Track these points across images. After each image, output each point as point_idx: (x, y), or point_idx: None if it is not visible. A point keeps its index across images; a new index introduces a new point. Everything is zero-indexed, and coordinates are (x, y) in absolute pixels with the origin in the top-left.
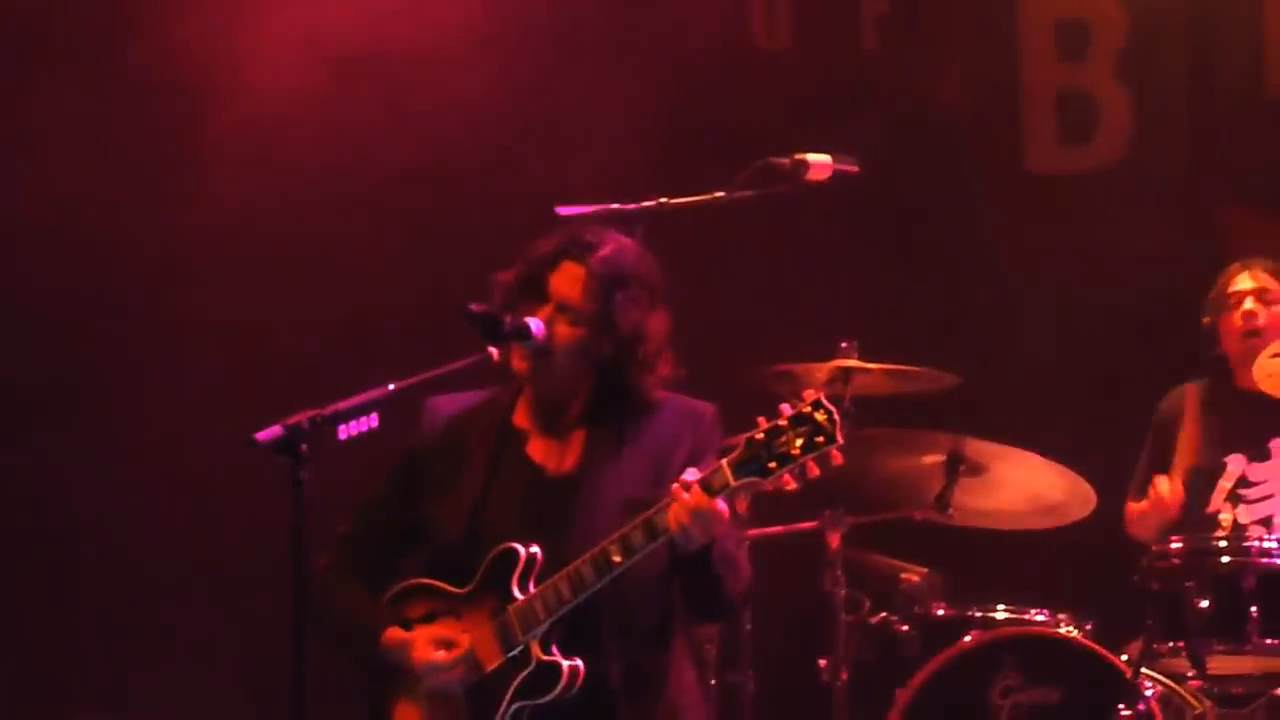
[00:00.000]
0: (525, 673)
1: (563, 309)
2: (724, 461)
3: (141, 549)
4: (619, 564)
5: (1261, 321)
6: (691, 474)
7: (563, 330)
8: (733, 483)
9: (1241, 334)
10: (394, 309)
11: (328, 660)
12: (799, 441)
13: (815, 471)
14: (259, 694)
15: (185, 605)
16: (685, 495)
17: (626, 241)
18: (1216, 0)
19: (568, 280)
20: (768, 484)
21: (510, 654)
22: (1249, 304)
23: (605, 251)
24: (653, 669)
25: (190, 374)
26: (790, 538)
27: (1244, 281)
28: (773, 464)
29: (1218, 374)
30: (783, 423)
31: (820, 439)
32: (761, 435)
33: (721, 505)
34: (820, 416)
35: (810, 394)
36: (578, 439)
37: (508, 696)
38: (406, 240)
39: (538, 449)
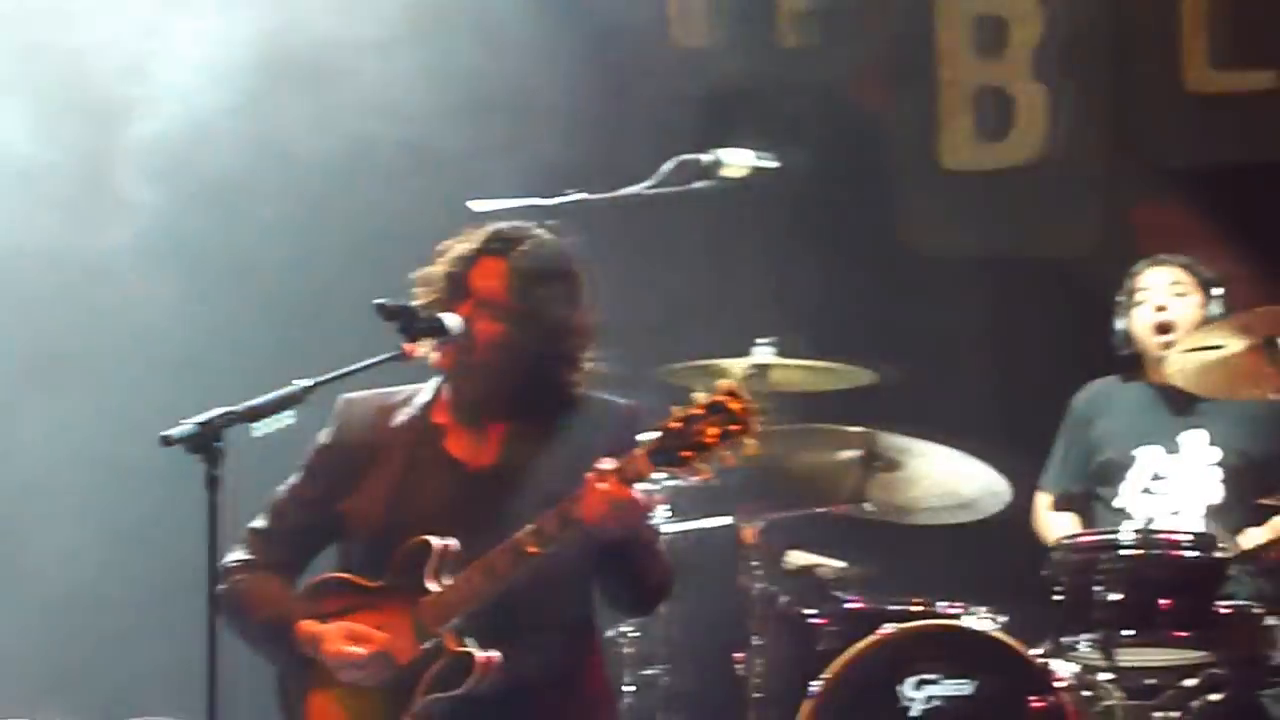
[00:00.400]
0: (439, 665)
1: (484, 305)
2: (639, 450)
3: (54, 547)
4: (534, 554)
5: (1172, 317)
6: (607, 463)
7: (484, 326)
8: (648, 471)
9: (1153, 329)
10: (311, 305)
11: (244, 656)
12: (713, 430)
13: (729, 460)
14: (174, 691)
15: (99, 603)
16: (601, 484)
17: (547, 236)
18: None
19: (489, 276)
20: (683, 472)
21: (424, 646)
22: (1160, 299)
23: (526, 246)
24: (568, 662)
25: (107, 371)
26: (708, 532)
27: (1155, 278)
28: (688, 452)
29: (1130, 369)
30: (697, 411)
31: (734, 427)
32: (676, 424)
33: (638, 494)
34: (734, 405)
35: (725, 384)
36: (497, 434)
37: (421, 688)
38: (324, 236)
39: (457, 444)
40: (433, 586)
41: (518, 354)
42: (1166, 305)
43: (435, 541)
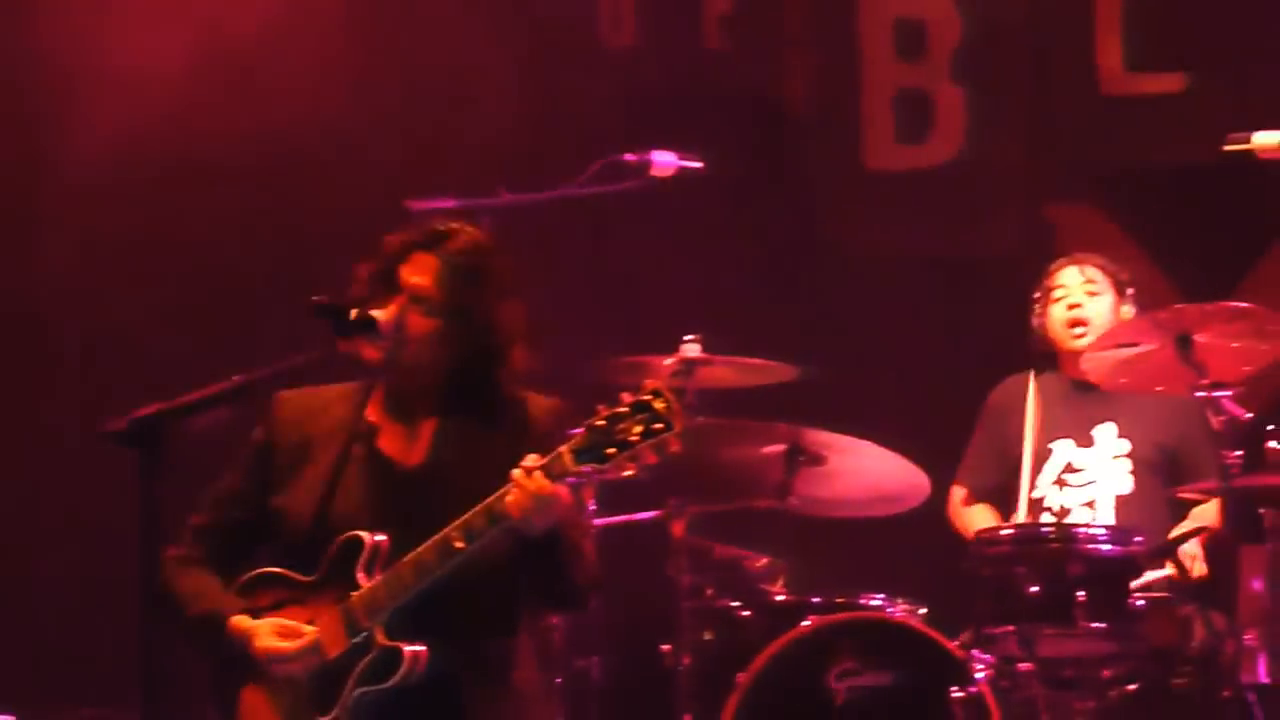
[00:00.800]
0: (368, 658)
1: (416, 300)
2: (565, 447)
3: None
4: (461, 549)
5: (1085, 315)
6: (532, 460)
7: (416, 321)
8: (573, 468)
9: (1067, 326)
10: (246, 300)
11: (181, 651)
12: (638, 428)
13: (653, 458)
14: (111, 686)
15: (36, 599)
16: (526, 481)
17: (478, 232)
18: (1050, 1)
19: (420, 271)
20: (608, 469)
21: (354, 640)
22: (1074, 297)
23: (458, 242)
24: (496, 656)
25: (38, 365)
26: (636, 526)
27: (1069, 276)
28: (612, 450)
29: (1046, 365)
30: (622, 409)
31: (659, 426)
32: (602, 422)
33: (563, 490)
34: (659, 404)
35: (650, 383)
36: (428, 431)
37: (351, 682)
38: (259, 233)
39: (388, 442)
40: (363, 581)
41: (449, 350)
42: (1081, 303)
43: (366, 537)
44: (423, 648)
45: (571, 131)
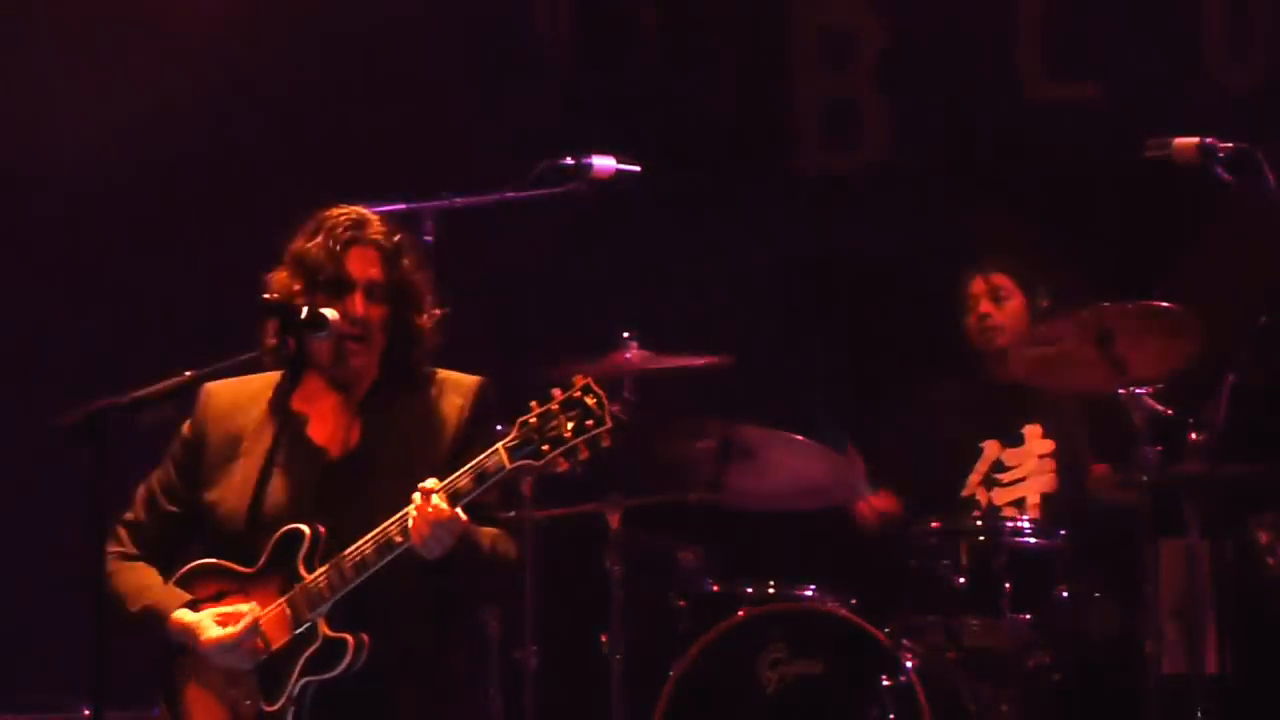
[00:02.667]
0: (313, 648)
1: (370, 289)
2: (500, 445)
3: None
4: (400, 544)
5: (997, 320)
6: (430, 483)
7: (375, 311)
8: (509, 465)
9: (979, 332)
10: (188, 300)
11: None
12: (570, 425)
13: (586, 454)
14: (62, 680)
15: None
16: (426, 507)
17: (379, 216)
18: (972, 11)
19: (364, 262)
20: (540, 466)
21: (298, 631)
22: (983, 305)
23: (379, 228)
24: (424, 649)
25: None
26: (572, 519)
27: (976, 285)
28: (545, 446)
29: (974, 364)
30: (554, 406)
31: (590, 422)
32: (534, 419)
33: (459, 514)
34: (590, 400)
35: (580, 379)
36: (358, 419)
37: (296, 672)
38: (193, 233)
39: (319, 431)
40: (305, 573)
41: (389, 334)
42: (990, 313)
43: (307, 529)
44: (365, 636)
45: (511, 136)
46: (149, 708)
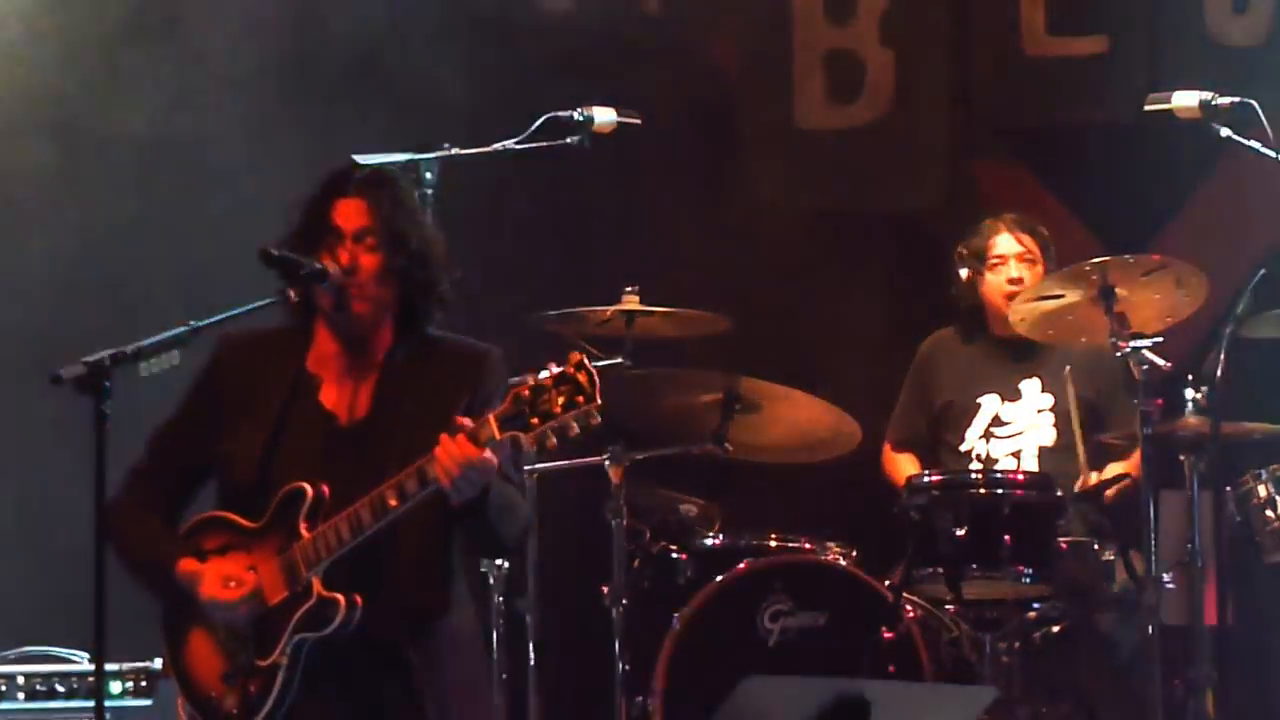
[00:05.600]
0: (306, 606)
1: (358, 238)
2: (490, 415)
3: None
4: (395, 508)
5: (1026, 284)
6: (464, 423)
7: (366, 259)
8: (498, 436)
9: (1005, 294)
10: (197, 253)
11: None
12: (561, 400)
13: (575, 430)
14: (64, 627)
15: None
16: (452, 448)
17: (381, 168)
18: None
19: (351, 213)
20: (530, 439)
21: (294, 589)
22: (1013, 268)
23: (370, 176)
24: (432, 606)
25: None
26: (575, 471)
27: (1007, 244)
28: (535, 420)
29: (975, 318)
30: (547, 381)
31: (580, 399)
32: (527, 392)
33: (489, 455)
34: (582, 377)
35: (575, 355)
36: (369, 385)
37: (289, 629)
38: (207, 189)
39: (330, 395)
40: (304, 531)
41: (393, 285)
42: (1021, 276)
43: (309, 488)
44: (357, 597)
45: (513, 88)
46: (149, 656)
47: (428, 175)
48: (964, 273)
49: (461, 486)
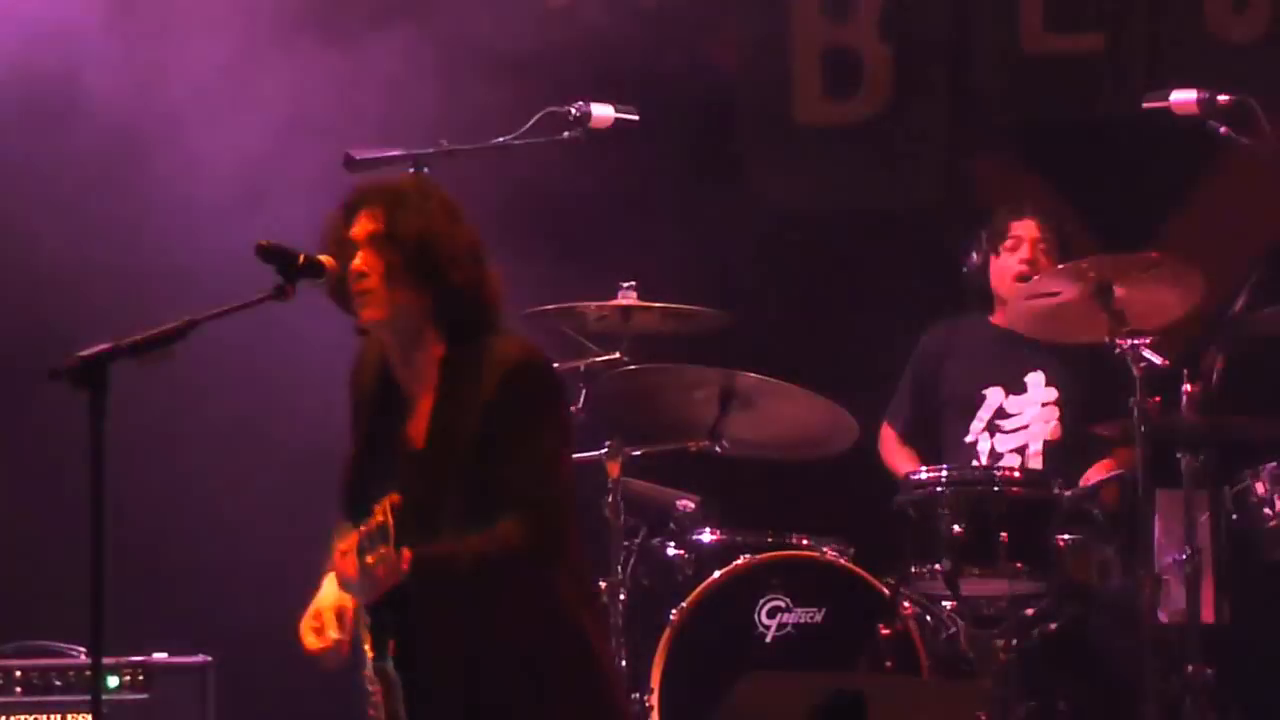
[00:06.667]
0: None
1: (370, 242)
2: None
3: None
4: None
5: (1039, 271)
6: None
7: (373, 261)
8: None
9: (1016, 277)
10: (192, 245)
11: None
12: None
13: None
14: (61, 620)
15: None
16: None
17: (411, 176)
18: None
19: (365, 221)
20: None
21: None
22: (1027, 251)
23: (391, 182)
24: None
25: None
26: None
27: (1026, 228)
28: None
29: (978, 311)
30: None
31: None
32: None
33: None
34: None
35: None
36: (427, 408)
37: None
38: (203, 182)
39: (408, 415)
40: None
41: (411, 288)
42: (1035, 260)
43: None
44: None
45: (511, 83)
46: (147, 650)
47: (424, 170)
48: (976, 255)
49: (358, 595)
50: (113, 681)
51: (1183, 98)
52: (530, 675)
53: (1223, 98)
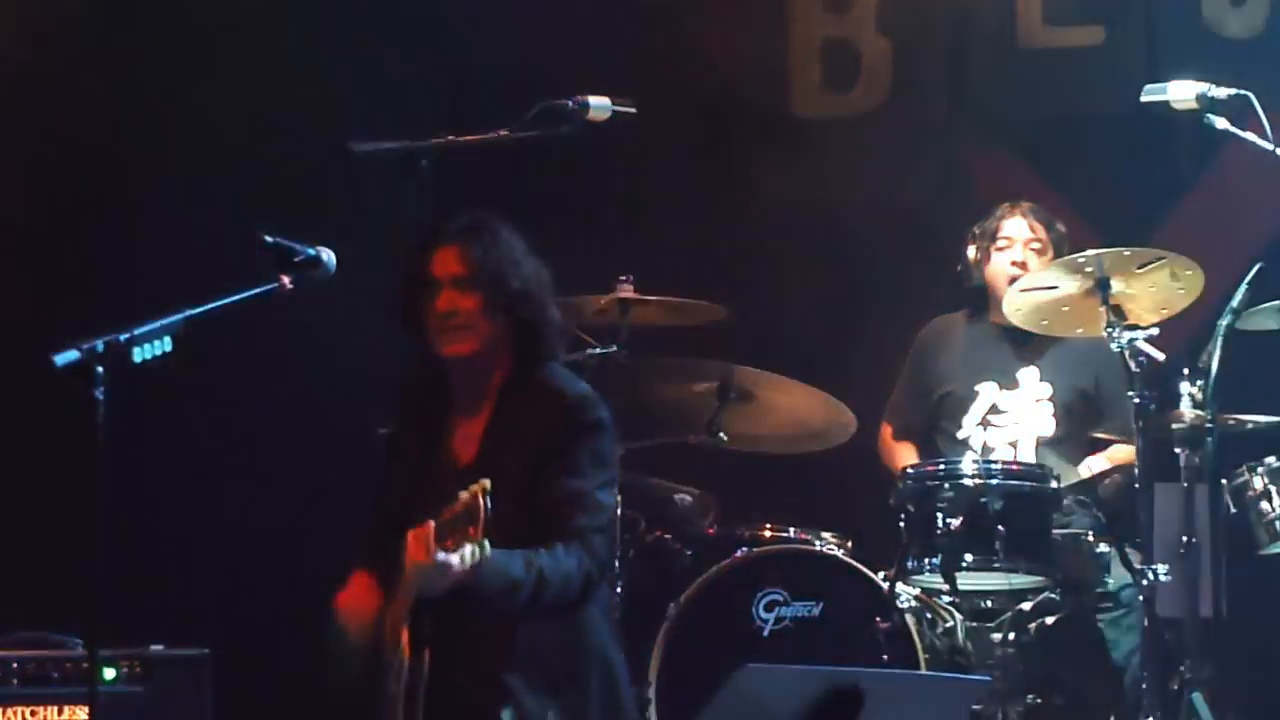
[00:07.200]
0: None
1: (456, 283)
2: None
3: None
4: None
5: (1031, 269)
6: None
7: (464, 301)
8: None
9: (1008, 277)
10: (189, 238)
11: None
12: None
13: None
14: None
15: None
16: (412, 546)
17: (482, 214)
18: None
19: (448, 261)
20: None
21: None
22: (1019, 252)
23: (466, 222)
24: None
25: None
26: None
27: (1019, 228)
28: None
29: (973, 306)
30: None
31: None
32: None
33: (443, 559)
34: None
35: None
36: (481, 425)
37: None
38: (202, 171)
39: (458, 436)
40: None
41: (497, 324)
42: (1025, 260)
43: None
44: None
45: (509, 76)
46: (144, 643)
47: (423, 163)
48: (972, 252)
49: (420, 585)
50: (110, 673)
51: (1181, 92)
52: (554, 689)
53: (1221, 91)
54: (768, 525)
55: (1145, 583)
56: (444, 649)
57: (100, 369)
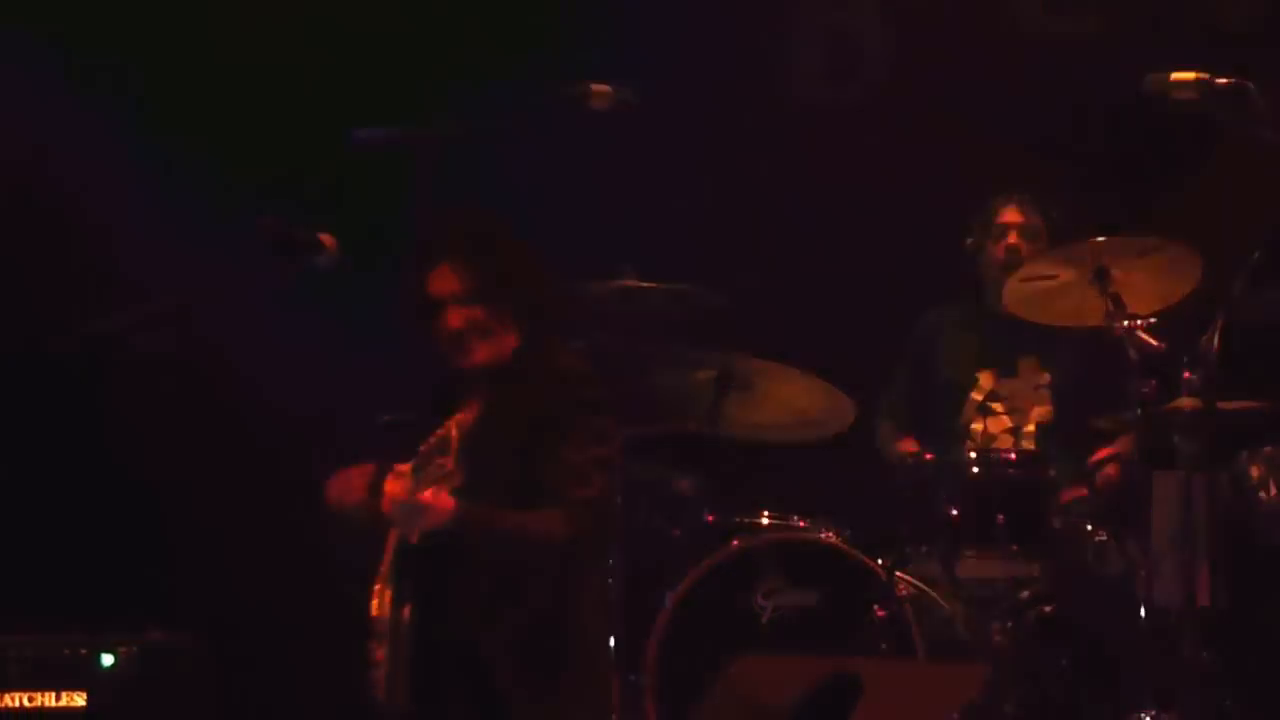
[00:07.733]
0: None
1: (453, 300)
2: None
3: None
4: None
5: (1023, 255)
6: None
7: (471, 314)
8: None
9: (1002, 265)
10: (190, 223)
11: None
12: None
13: None
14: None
15: None
16: (391, 485)
17: (461, 215)
18: None
19: (442, 280)
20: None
21: None
22: (1013, 238)
23: (455, 233)
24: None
25: None
26: None
27: (1011, 215)
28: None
29: (972, 295)
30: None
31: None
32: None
33: (429, 497)
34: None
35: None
36: (483, 398)
37: None
38: (200, 160)
39: (463, 403)
40: None
41: (504, 319)
42: (1020, 246)
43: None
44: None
45: (510, 63)
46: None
47: (422, 150)
48: (969, 240)
49: (398, 522)
50: (108, 660)
51: (1181, 81)
52: (533, 650)
53: (1221, 81)
54: (766, 514)
55: (1143, 572)
56: (426, 606)
57: (99, 356)
